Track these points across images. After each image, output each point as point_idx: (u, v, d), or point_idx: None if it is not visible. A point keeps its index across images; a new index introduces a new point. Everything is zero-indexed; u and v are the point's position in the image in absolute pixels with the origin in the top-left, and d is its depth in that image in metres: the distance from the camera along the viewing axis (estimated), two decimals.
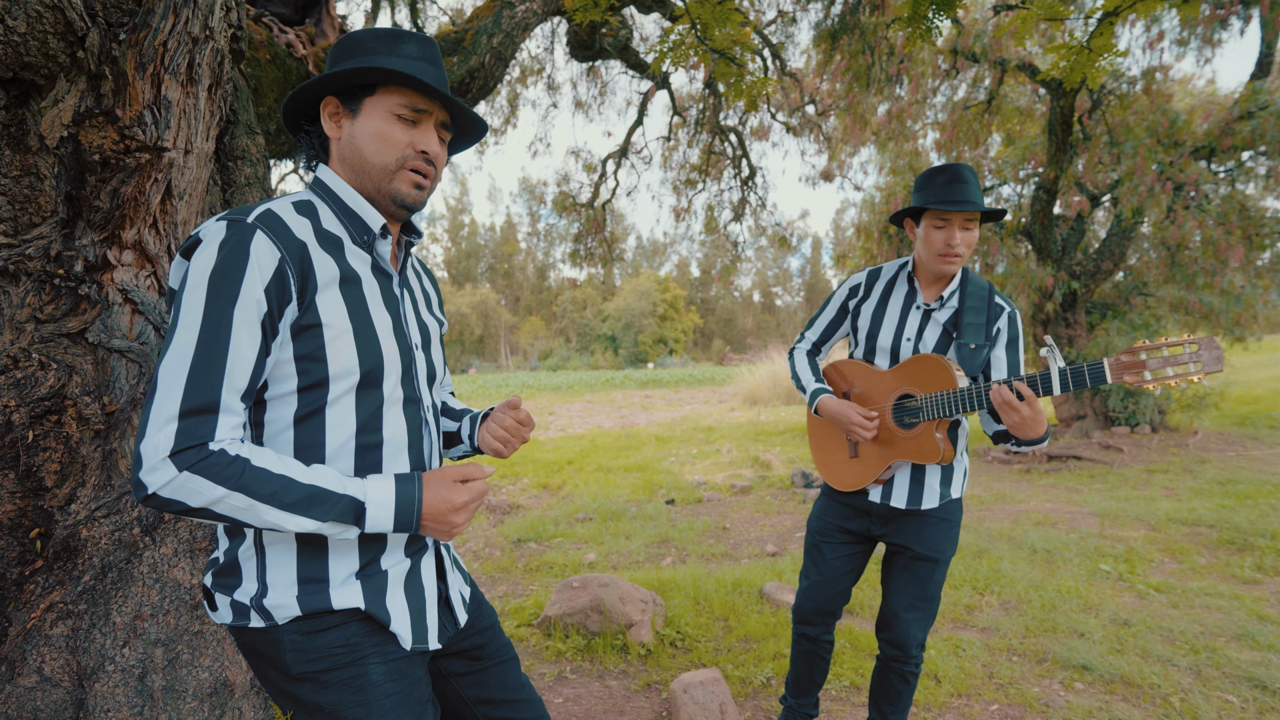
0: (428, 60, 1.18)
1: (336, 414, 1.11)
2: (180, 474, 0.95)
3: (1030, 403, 1.71)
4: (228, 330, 1.00)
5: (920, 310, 2.04)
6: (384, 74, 1.12)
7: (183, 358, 0.98)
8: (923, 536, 2.05)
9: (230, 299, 1.00)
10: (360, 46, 1.16)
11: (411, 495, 1.10)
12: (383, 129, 1.15)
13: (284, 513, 1.00)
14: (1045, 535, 4.78)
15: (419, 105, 1.16)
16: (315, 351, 1.08)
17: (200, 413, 0.98)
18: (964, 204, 1.89)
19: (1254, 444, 8.01)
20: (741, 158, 8.82)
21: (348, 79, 1.13)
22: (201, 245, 1.03)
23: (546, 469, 8.44)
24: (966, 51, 8.35)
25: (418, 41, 1.18)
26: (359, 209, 1.17)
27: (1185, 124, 7.87)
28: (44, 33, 1.66)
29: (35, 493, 1.74)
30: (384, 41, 1.16)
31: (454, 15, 8.33)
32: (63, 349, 1.80)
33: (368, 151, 1.15)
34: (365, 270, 1.16)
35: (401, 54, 1.16)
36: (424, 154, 1.17)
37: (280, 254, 1.04)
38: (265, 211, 1.07)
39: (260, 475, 0.99)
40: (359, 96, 1.15)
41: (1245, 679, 2.80)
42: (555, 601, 3.43)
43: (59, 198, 1.82)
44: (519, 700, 1.38)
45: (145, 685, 1.66)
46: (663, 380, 27.55)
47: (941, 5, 3.07)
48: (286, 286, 1.04)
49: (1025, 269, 8.79)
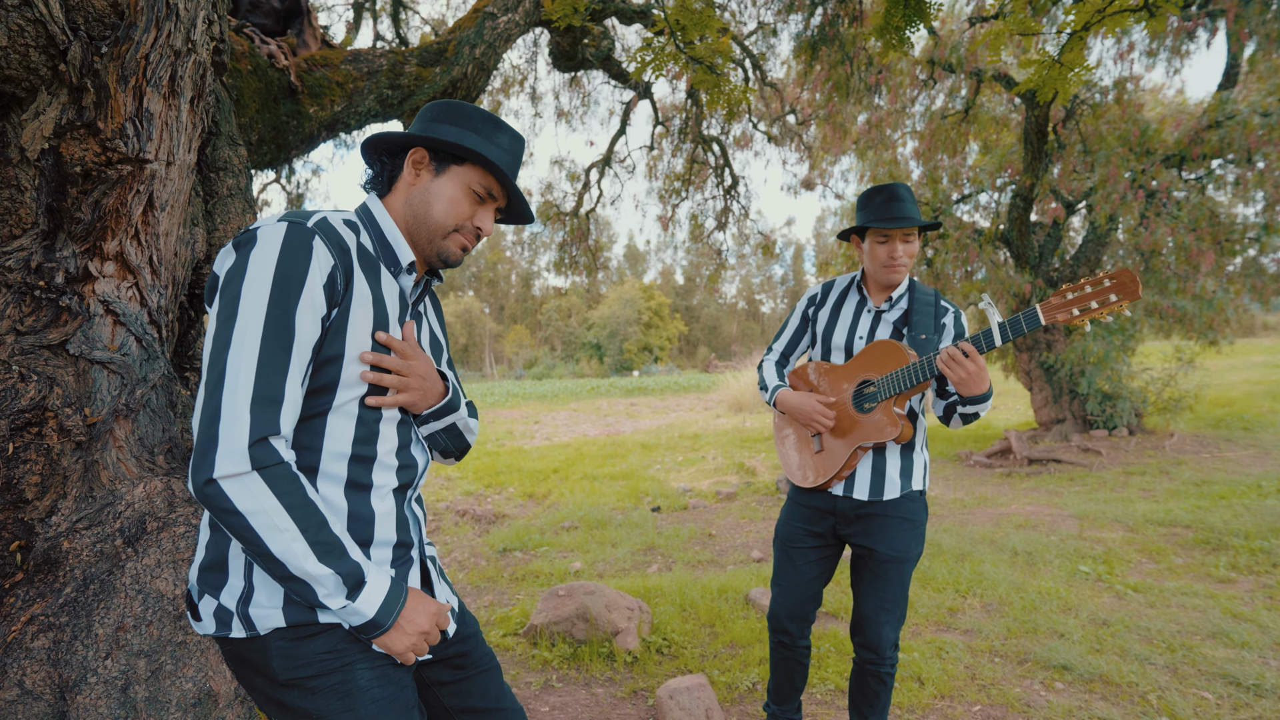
0: (514, 155, 1.31)
1: (338, 421, 1.14)
2: (250, 472, 0.99)
3: (974, 358, 1.84)
4: (293, 324, 1.05)
5: (871, 313, 2.20)
6: (486, 162, 1.23)
7: (250, 348, 1.02)
8: (887, 538, 2.11)
9: (296, 294, 1.06)
10: (465, 119, 1.27)
11: (399, 596, 1.12)
12: (458, 197, 1.25)
13: (308, 547, 1.02)
14: (1026, 538, 4.85)
15: (494, 191, 1.28)
16: (334, 358, 1.12)
17: (268, 403, 1.02)
18: (901, 220, 2.06)
19: (1228, 445, 8.16)
20: (724, 167, 8.89)
21: (457, 149, 1.23)
22: (259, 242, 1.08)
23: (532, 478, 8.42)
24: (943, 62, 8.49)
25: (512, 137, 1.31)
26: (395, 243, 1.25)
27: (1156, 133, 8.05)
28: (25, 46, 1.67)
29: (15, 505, 1.73)
30: (487, 126, 1.27)
31: (435, 25, 8.35)
32: (43, 361, 1.79)
33: (436, 209, 1.25)
34: (392, 294, 1.23)
35: (498, 143, 1.28)
36: (479, 230, 1.29)
37: (334, 260, 1.11)
38: (322, 220, 1.15)
39: (308, 505, 1.04)
40: (448, 161, 1.25)
41: (1220, 676, 2.86)
42: (541, 610, 3.43)
43: (40, 209, 1.82)
44: (500, 709, 1.39)
45: (128, 697, 1.65)
46: (648, 388, 27.57)
47: (913, 15, 3.14)
48: (335, 290, 1.11)
49: (1003, 275, 8.92)
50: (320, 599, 1.05)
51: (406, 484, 1.26)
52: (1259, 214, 8.48)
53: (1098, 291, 1.77)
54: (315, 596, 1.05)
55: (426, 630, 1.15)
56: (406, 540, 1.25)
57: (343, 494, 1.15)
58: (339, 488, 1.15)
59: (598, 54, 6.19)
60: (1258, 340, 30.14)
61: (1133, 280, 1.72)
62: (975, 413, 1.97)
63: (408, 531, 1.25)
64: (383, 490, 1.20)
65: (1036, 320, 1.80)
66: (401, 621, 1.12)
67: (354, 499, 1.16)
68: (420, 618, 1.14)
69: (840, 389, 2.18)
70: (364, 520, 1.17)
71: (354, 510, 1.16)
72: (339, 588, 1.05)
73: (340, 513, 1.15)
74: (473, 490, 7.93)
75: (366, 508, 1.18)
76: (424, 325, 1.34)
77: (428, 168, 1.27)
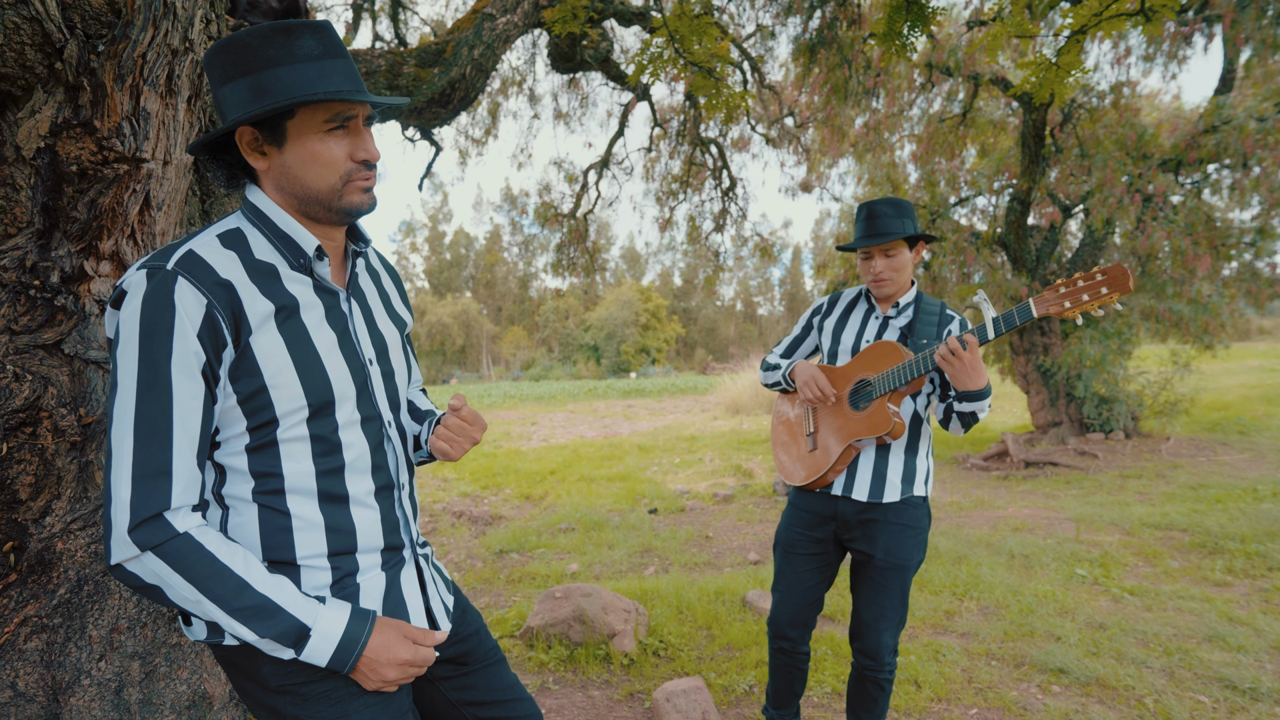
0: (331, 54, 1.05)
1: (291, 447, 1.09)
2: (142, 553, 0.95)
3: (971, 349, 1.85)
4: (168, 387, 0.97)
5: (879, 319, 2.21)
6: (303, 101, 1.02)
7: (127, 423, 0.96)
8: (888, 545, 2.10)
9: (165, 353, 0.97)
10: (254, 56, 1.02)
11: (358, 636, 1.07)
12: (318, 151, 1.06)
13: (227, 616, 0.99)
14: (1023, 541, 4.85)
15: (346, 113, 1.06)
16: (257, 394, 1.05)
17: (152, 478, 0.96)
18: (874, 238, 2.10)
19: (1224, 449, 8.18)
20: (722, 169, 8.90)
21: (272, 111, 1.02)
22: (127, 298, 0.99)
23: (529, 479, 8.41)
24: (941, 66, 8.51)
25: (313, 34, 1.05)
26: (293, 233, 1.10)
27: (1153, 137, 8.07)
28: (21, 44, 1.66)
29: (9, 506, 1.71)
30: (278, 45, 1.02)
31: (435, 26, 8.35)
32: (38, 360, 1.79)
33: (308, 178, 1.07)
34: (307, 293, 1.11)
35: (302, 55, 1.03)
36: (365, 162, 1.10)
37: (207, 299, 0.99)
38: (187, 254, 1.02)
39: (219, 573, 0.99)
40: (279, 122, 1.05)
41: (1216, 679, 2.86)
42: (538, 612, 3.42)
43: (35, 208, 1.81)
44: (509, 700, 1.36)
45: (122, 699, 1.64)
46: (645, 390, 27.56)
47: (916, 21, 3.14)
48: (219, 331, 1.00)
49: (1000, 278, 8.94)
50: (267, 652, 1.03)
51: (388, 485, 1.20)
52: (1254, 218, 8.52)
53: (1089, 285, 1.79)
54: (263, 650, 1.03)
55: (408, 659, 1.10)
56: (396, 543, 1.21)
57: (318, 509, 1.11)
58: (313, 503, 1.11)
59: (596, 55, 6.19)
60: (1253, 344, 30.27)
61: (1123, 274, 1.74)
62: (973, 411, 1.96)
63: (398, 534, 1.22)
64: (362, 497, 1.16)
65: (1029, 312, 1.83)
66: (371, 657, 1.07)
67: (330, 512, 1.13)
68: (398, 648, 1.10)
69: (839, 389, 2.19)
70: (344, 531, 1.14)
71: (331, 523, 1.12)
72: (276, 646, 1.02)
73: (318, 527, 1.11)
74: (469, 491, 7.91)
75: (345, 519, 1.14)
76: (357, 311, 1.20)
77: (266, 144, 1.07)
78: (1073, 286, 1.81)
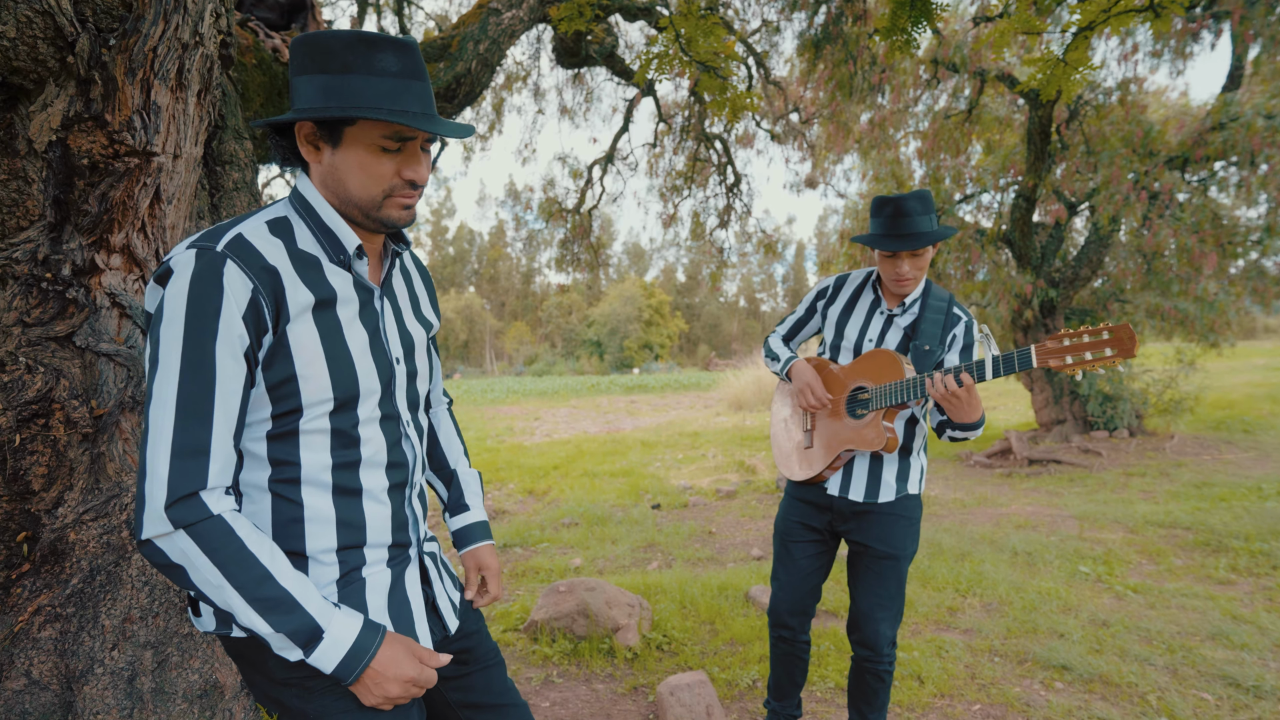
0: (409, 74, 1.07)
1: (311, 438, 1.10)
2: (174, 531, 0.96)
3: (968, 389, 1.84)
4: (213, 366, 0.98)
5: (884, 315, 2.18)
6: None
7: (169, 400, 0.97)
8: (883, 534, 2.13)
9: (211, 334, 0.98)
10: (333, 58, 1.04)
11: (368, 647, 1.06)
12: (368, 162, 1.08)
13: (245, 604, 0.99)
14: (1026, 538, 4.85)
15: (406, 134, 1.08)
16: (286, 382, 1.06)
17: (191, 456, 0.97)
18: (907, 240, 1.99)
19: (1228, 448, 8.17)
20: (727, 164, 8.89)
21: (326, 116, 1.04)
22: (174, 276, 1.00)
23: (532, 474, 8.43)
24: (947, 62, 8.48)
25: (396, 51, 1.06)
26: (336, 229, 1.13)
27: (1159, 134, 8.04)
28: (34, 38, 1.67)
29: (22, 496, 1.73)
30: (359, 53, 1.04)
31: (439, 21, 8.34)
32: (50, 353, 1.80)
33: (352, 184, 1.09)
34: (345, 288, 1.13)
35: (380, 69, 1.04)
36: (411, 183, 1.12)
37: (253, 284, 1.01)
38: (236, 237, 1.04)
39: (245, 560, 0.99)
40: (338, 126, 1.07)
41: (1220, 677, 2.87)
42: (542, 606, 3.43)
43: (47, 201, 1.82)
44: (504, 705, 1.37)
45: (134, 688, 1.65)
46: (648, 385, 27.57)
47: (920, 16, 3.14)
48: (262, 316, 1.02)
49: (1005, 276, 8.91)
50: (275, 649, 1.03)
51: (401, 482, 1.22)
52: (1262, 216, 8.48)
53: (1094, 344, 1.75)
54: (269, 646, 1.03)
55: (413, 677, 1.09)
56: (404, 540, 1.22)
57: (330, 502, 1.12)
58: (326, 495, 1.12)
59: (601, 51, 6.19)
60: (1259, 343, 30.15)
61: (1130, 336, 1.71)
62: (964, 437, 2.00)
63: (405, 531, 1.23)
64: (376, 492, 1.17)
65: (1029, 361, 1.80)
66: (378, 670, 1.07)
67: (343, 505, 1.13)
68: (405, 665, 1.09)
69: (838, 389, 2.20)
70: (354, 526, 1.14)
71: (342, 517, 1.13)
72: (287, 643, 1.02)
73: (329, 520, 1.12)
74: None
75: (357, 513, 1.15)
76: (389, 310, 1.21)
77: (322, 141, 1.09)
78: (1077, 340, 1.77)
